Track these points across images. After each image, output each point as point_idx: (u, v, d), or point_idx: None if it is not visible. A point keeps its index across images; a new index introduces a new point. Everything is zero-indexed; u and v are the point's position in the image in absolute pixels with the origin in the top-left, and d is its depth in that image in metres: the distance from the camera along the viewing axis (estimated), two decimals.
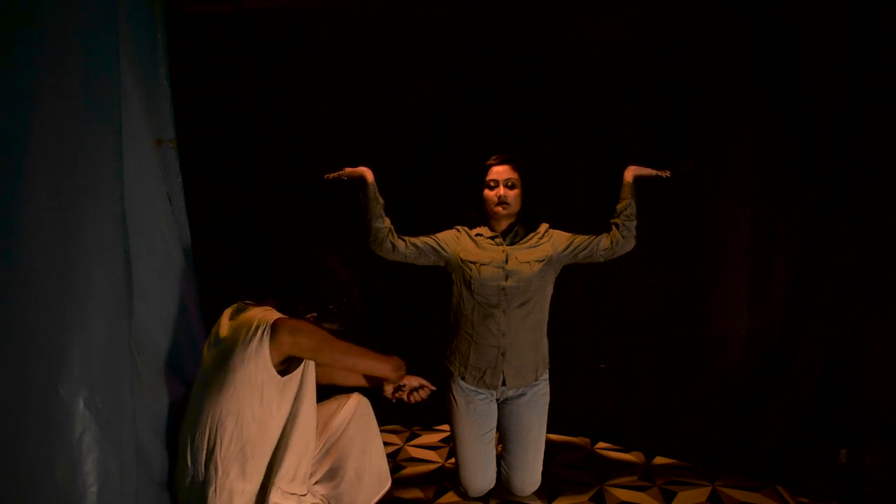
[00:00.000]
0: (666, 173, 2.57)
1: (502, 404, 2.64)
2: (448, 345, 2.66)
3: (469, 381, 2.58)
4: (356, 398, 2.29)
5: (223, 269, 3.16)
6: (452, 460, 2.77)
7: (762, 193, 2.95)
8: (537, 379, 2.60)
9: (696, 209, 3.05)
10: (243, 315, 2.02)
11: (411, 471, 2.92)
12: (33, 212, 1.51)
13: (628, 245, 2.58)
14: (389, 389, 2.35)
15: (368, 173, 2.51)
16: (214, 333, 2.06)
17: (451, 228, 2.65)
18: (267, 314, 2.00)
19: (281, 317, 2.01)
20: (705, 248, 3.06)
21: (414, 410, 2.39)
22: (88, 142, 1.58)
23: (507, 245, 2.58)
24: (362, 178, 2.51)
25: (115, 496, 1.54)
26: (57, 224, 1.53)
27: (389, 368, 2.22)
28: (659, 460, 2.99)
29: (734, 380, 3.02)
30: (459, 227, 2.65)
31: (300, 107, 3.28)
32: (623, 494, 2.67)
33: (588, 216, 3.03)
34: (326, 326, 2.12)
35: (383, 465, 2.28)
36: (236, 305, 2.12)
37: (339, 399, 2.29)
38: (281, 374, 1.97)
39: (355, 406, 2.27)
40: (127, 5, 2.07)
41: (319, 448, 2.20)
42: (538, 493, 2.66)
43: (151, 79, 2.30)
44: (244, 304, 2.10)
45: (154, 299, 2.10)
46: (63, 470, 1.48)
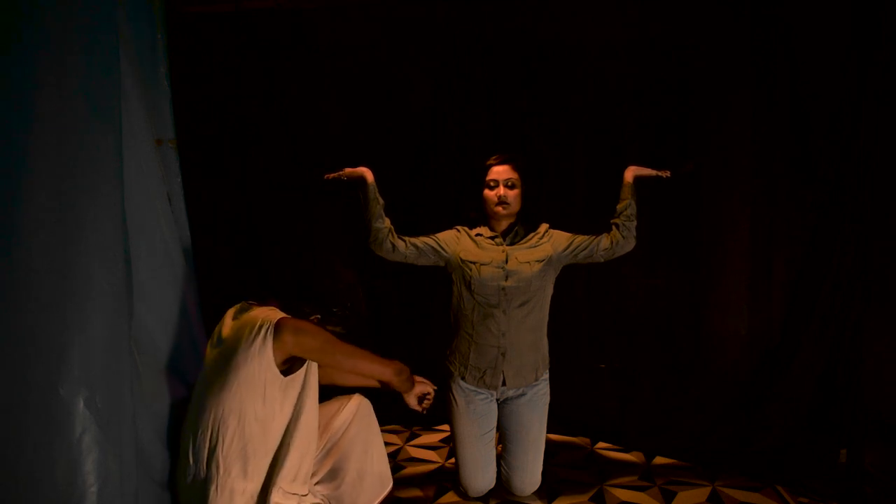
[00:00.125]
0: (666, 173, 2.58)
1: (502, 404, 2.64)
2: (448, 345, 2.66)
3: (469, 381, 2.58)
4: (357, 399, 2.29)
5: (223, 269, 3.16)
6: (452, 460, 2.77)
7: (762, 193, 2.94)
8: (537, 379, 2.60)
9: (696, 209, 3.05)
10: (247, 315, 2.02)
11: (411, 471, 2.92)
12: (33, 212, 1.50)
13: (628, 245, 2.59)
14: (413, 401, 2.34)
15: (368, 173, 2.52)
16: (217, 333, 2.06)
17: (451, 228, 2.65)
18: (271, 314, 2.00)
19: (285, 316, 2.01)
20: (705, 248, 3.06)
21: (414, 410, 2.38)
22: (88, 142, 1.58)
23: (507, 245, 2.58)
24: (362, 179, 2.51)
25: (115, 496, 1.54)
26: (57, 224, 1.52)
27: (391, 372, 2.22)
28: (659, 460, 2.99)
29: (734, 380, 3.02)
30: (459, 227, 2.65)
31: (300, 107, 3.28)
32: (623, 494, 2.67)
33: (588, 216, 3.03)
34: (330, 328, 2.12)
35: (385, 467, 2.28)
36: (240, 305, 2.12)
37: (341, 400, 2.29)
38: (283, 374, 1.97)
39: (356, 407, 2.27)
40: (127, 5, 2.07)
41: (320, 449, 2.20)
42: (538, 493, 2.66)
43: (151, 79, 2.30)
44: (248, 304, 2.10)
45: (154, 299, 2.10)
46: (63, 470, 1.48)
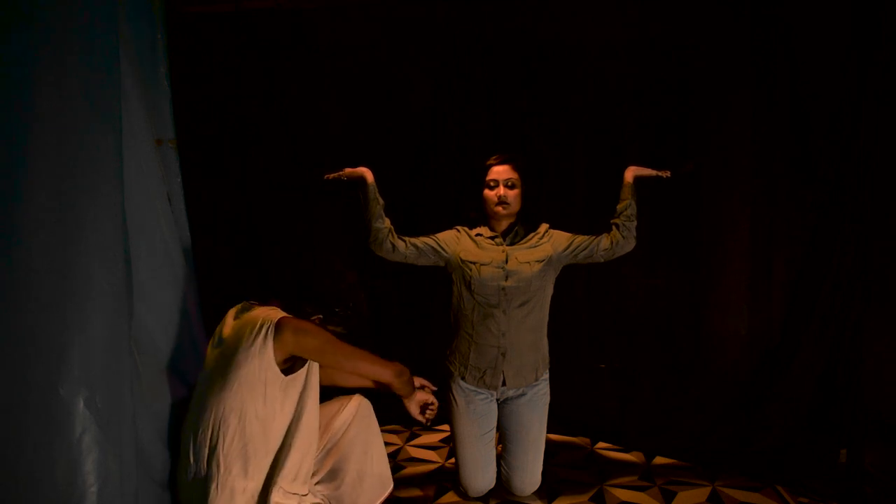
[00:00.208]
0: (666, 173, 2.58)
1: (502, 404, 2.64)
2: (448, 345, 2.66)
3: (469, 381, 2.58)
4: (357, 399, 2.29)
5: (223, 269, 3.16)
6: (452, 460, 2.77)
7: (762, 193, 2.94)
8: (537, 379, 2.60)
9: (696, 209, 3.05)
10: (248, 314, 2.03)
11: (411, 471, 2.92)
12: (33, 212, 1.50)
13: (628, 245, 2.58)
14: (416, 410, 2.31)
15: (368, 174, 2.52)
16: (218, 332, 2.07)
17: (451, 228, 2.65)
18: (272, 313, 2.00)
19: (285, 316, 2.01)
20: (705, 248, 3.06)
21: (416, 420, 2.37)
22: (88, 142, 1.58)
23: (507, 245, 2.58)
24: (362, 179, 2.51)
25: (115, 496, 1.54)
26: (57, 224, 1.53)
27: (391, 373, 2.21)
28: (659, 460, 2.99)
29: (734, 380, 3.02)
30: (459, 228, 2.65)
31: (300, 107, 3.28)
32: (623, 494, 2.67)
33: (588, 216, 3.03)
34: (331, 329, 2.12)
35: (385, 468, 2.28)
36: (241, 305, 2.12)
37: (341, 400, 2.28)
38: (284, 374, 1.97)
39: (357, 407, 2.27)
40: (127, 5, 2.07)
41: (321, 449, 2.20)
42: (538, 493, 2.66)
43: (151, 79, 2.30)
44: (249, 304, 2.11)
45: (154, 299, 2.10)
46: (63, 470, 1.48)
